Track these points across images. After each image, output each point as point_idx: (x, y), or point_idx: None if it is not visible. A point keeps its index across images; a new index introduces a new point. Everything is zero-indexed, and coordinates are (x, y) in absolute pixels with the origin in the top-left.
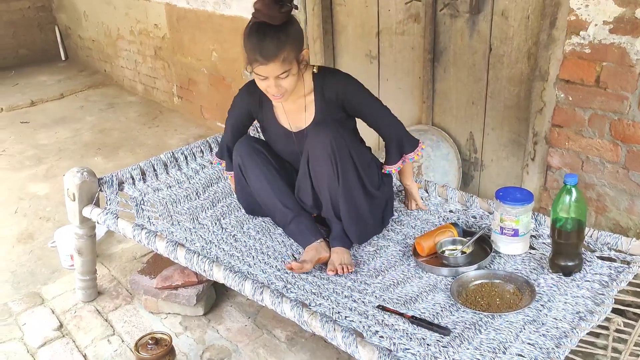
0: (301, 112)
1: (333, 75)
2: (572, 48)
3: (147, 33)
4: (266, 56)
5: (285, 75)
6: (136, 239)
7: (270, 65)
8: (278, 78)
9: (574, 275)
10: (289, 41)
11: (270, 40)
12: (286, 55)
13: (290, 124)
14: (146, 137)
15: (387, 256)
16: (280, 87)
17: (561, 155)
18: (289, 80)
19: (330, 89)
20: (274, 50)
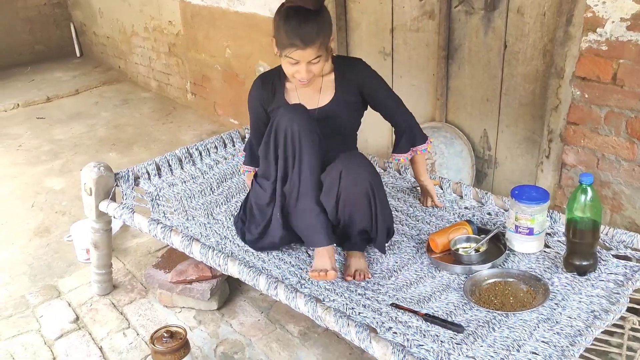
0: (316, 92)
1: (354, 60)
2: (589, 45)
3: (161, 30)
4: (306, 41)
5: (317, 60)
6: (152, 233)
7: (308, 50)
8: (310, 63)
9: (589, 275)
10: (326, 27)
11: (312, 25)
12: (322, 41)
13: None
14: (160, 133)
15: (400, 253)
16: (310, 72)
17: (576, 153)
18: (319, 65)
19: (352, 71)
20: (314, 35)
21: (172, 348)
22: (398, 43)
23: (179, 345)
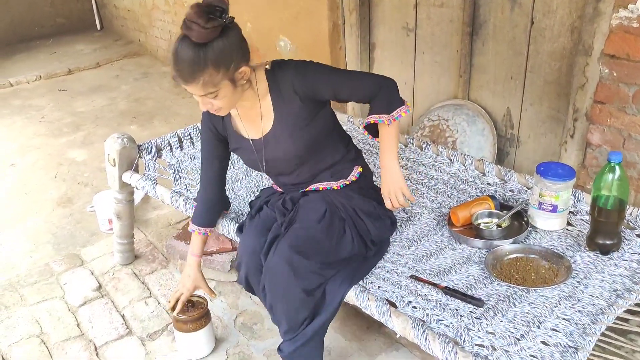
0: (257, 119)
1: (283, 66)
2: (619, 22)
3: (182, 3)
4: (182, 78)
5: (212, 95)
6: (174, 205)
7: (191, 87)
8: (205, 98)
9: (612, 254)
10: (212, 64)
11: (186, 64)
12: (207, 79)
13: (248, 133)
14: (180, 107)
15: (420, 224)
16: (212, 104)
17: (602, 132)
18: (220, 99)
19: (284, 81)
20: (188, 73)
21: (193, 317)
22: (421, 18)
23: (200, 315)
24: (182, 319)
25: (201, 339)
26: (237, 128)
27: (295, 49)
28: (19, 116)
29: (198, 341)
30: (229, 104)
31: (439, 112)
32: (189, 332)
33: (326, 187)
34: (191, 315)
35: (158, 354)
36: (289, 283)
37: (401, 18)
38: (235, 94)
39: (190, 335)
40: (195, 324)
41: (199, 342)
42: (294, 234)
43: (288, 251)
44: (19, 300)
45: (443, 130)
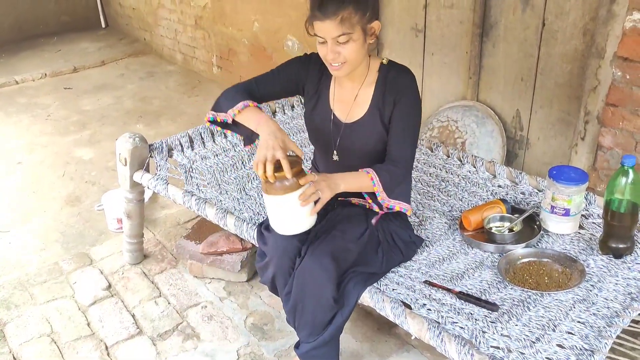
0: (349, 103)
1: (401, 71)
2: (633, 25)
3: (187, 2)
4: (324, 11)
5: (344, 39)
6: (186, 205)
7: (328, 23)
8: (336, 42)
9: (625, 258)
10: (353, 3)
11: None
12: (347, 16)
13: (335, 109)
14: (186, 106)
15: (432, 229)
16: (338, 54)
17: (614, 135)
18: (349, 47)
19: (393, 84)
20: (332, 6)
21: (297, 171)
22: (431, 19)
23: (301, 169)
24: (285, 180)
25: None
26: (329, 98)
27: (303, 48)
28: (25, 114)
29: (297, 209)
30: (354, 59)
31: (448, 113)
32: (294, 191)
33: (372, 206)
34: (294, 171)
35: (169, 354)
36: (323, 288)
37: (410, 19)
38: (362, 50)
39: (287, 200)
40: (299, 181)
41: (298, 211)
42: (333, 242)
43: (326, 257)
44: (29, 299)
45: (452, 131)
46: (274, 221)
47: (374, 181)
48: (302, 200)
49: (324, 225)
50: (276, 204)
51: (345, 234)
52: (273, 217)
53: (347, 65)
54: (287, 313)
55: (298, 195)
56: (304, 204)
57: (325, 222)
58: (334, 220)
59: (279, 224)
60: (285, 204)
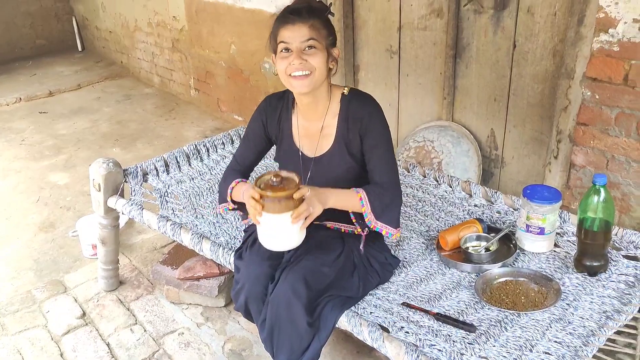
0: (316, 136)
1: (362, 98)
2: (601, 46)
3: (164, 25)
4: (297, 13)
5: (312, 47)
6: (161, 230)
7: (298, 26)
8: (303, 51)
9: (600, 275)
10: (322, 19)
11: (308, 6)
12: (317, 25)
13: (302, 146)
14: (163, 129)
15: (409, 249)
16: (305, 62)
17: (586, 154)
18: (316, 58)
19: (356, 112)
20: (306, 13)
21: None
22: (405, 41)
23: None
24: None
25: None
26: (293, 136)
27: None
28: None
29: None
30: (319, 71)
31: (424, 134)
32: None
33: (347, 231)
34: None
35: None
36: (296, 314)
37: (385, 41)
38: (325, 68)
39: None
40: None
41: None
42: (307, 267)
43: (298, 283)
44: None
45: (428, 151)
46: (265, 239)
47: (363, 201)
48: (294, 218)
49: (297, 250)
50: (271, 221)
51: (320, 258)
52: (266, 234)
53: (312, 77)
54: (263, 341)
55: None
56: (296, 221)
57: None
58: (308, 244)
59: (271, 241)
60: (280, 222)
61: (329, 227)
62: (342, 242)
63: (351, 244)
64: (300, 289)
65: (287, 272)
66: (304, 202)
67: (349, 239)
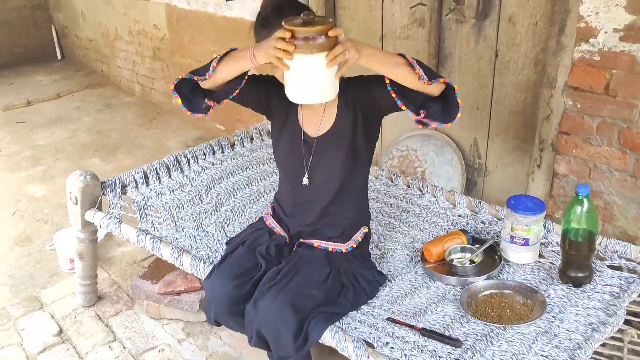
0: (318, 117)
1: (356, 77)
2: (582, 55)
3: (145, 33)
4: (270, 22)
5: None
6: (140, 244)
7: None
8: None
9: (584, 286)
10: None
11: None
12: None
13: (303, 124)
14: (144, 139)
15: (394, 262)
16: None
17: (568, 163)
18: None
19: (351, 87)
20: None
21: (321, 27)
22: (388, 50)
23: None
24: (313, 30)
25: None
26: (297, 116)
27: None
28: None
29: (325, 72)
30: None
31: (407, 143)
32: (325, 50)
33: (335, 249)
34: (313, 27)
35: None
36: (282, 337)
37: None
38: None
39: (315, 60)
40: (329, 33)
41: (326, 75)
42: (295, 290)
43: (286, 307)
44: None
45: (412, 160)
46: (295, 88)
47: (413, 63)
48: (330, 60)
49: (283, 269)
50: (304, 64)
51: (308, 279)
52: (296, 82)
53: None
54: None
55: (326, 54)
56: (331, 65)
57: (285, 265)
58: (295, 263)
59: (301, 91)
60: (315, 64)
61: (316, 246)
62: (329, 262)
63: (338, 264)
64: (287, 314)
65: (275, 293)
66: (339, 44)
67: (336, 258)
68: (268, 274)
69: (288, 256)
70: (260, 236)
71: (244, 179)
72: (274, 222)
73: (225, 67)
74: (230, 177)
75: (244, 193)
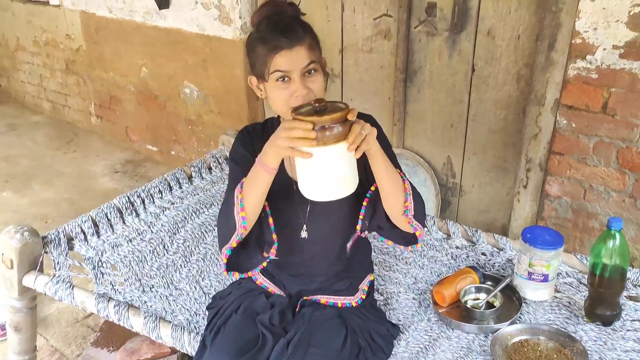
0: None
1: (364, 116)
2: (577, 73)
3: (56, 44)
4: (291, 36)
5: (313, 68)
6: (102, 313)
7: (297, 50)
8: (304, 76)
9: (614, 325)
10: (311, 33)
11: (295, 21)
12: (312, 42)
13: (293, 173)
14: (63, 165)
15: (401, 308)
16: (308, 89)
17: (561, 184)
18: (317, 80)
19: None
20: (300, 30)
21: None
22: (348, 64)
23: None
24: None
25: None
26: (284, 165)
27: (203, 96)
28: None
29: (347, 161)
30: (321, 91)
31: None
32: (335, 144)
33: (345, 304)
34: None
35: None
36: None
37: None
38: (324, 91)
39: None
40: (342, 130)
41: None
42: None
43: None
44: None
45: None
46: (315, 185)
47: (404, 176)
48: (351, 143)
49: (293, 338)
50: (325, 156)
51: (324, 349)
52: (317, 179)
53: None
54: None
55: (337, 149)
56: (353, 148)
57: (294, 333)
58: (305, 329)
59: (324, 187)
60: (337, 154)
61: (323, 302)
62: (343, 322)
63: (353, 322)
64: None
65: None
66: (355, 123)
67: (348, 315)
68: (277, 348)
69: (294, 320)
70: (256, 300)
71: (210, 219)
72: (266, 280)
73: (251, 196)
74: (194, 218)
75: (214, 236)
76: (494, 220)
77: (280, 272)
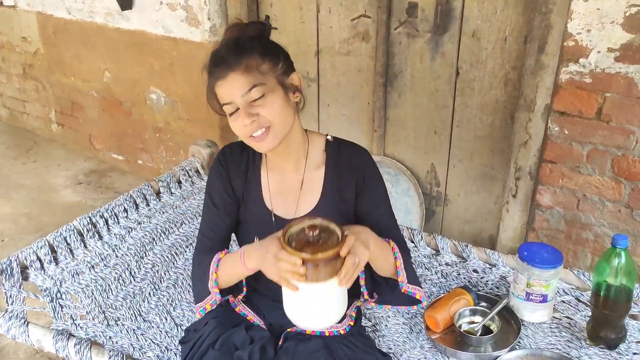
0: (294, 193)
1: (353, 146)
2: (570, 77)
3: (11, 47)
4: (223, 62)
5: (258, 92)
6: (61, 353)
7: (231, 77)
8: (250, 103)
9: (619, 348)
10: (257, 51)
11: (230, 44)
12: (253, 63)
13: (274, 207)
14: (22, 177)
15: (391, 335)
16: (256, 116)
17: (553, 194)
18: (268, 104)
19: (351, 161)
20: (235, 53)
21: (329, 254)
22: (324, 67)
23: (338, 250)
24: (325, 256)
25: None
26: (263, 195)
27: (171, 102)
28: None
29: (337, 296)
30: (279, 121)
31: None
32: (325, 281)
33: (332, 332)
34: (329, 244)
35: None
36: None
37: (300, 67)
38: (287, 109)
39: (328, 287)
40: (341, 251)
41: (337, 298)
42: None
43: None
44: None
45: None
46: (302, 315)
47: (396, 253)
48: (343, 280)
49: None
50: (313, 292)
51: None
52: (305, 310)
53: (273, 130)
54: None
55: (328, 286)
56: (344, 284)
57: None
58: None
59: (309, 318)
60: (326, 291)
61: (309, 332)
62: (331, 354)
63: (340, 354)
64: None
65: None
66: (348, 256)
67: (336, 346)
68: None
69: (276, 358)
70: (234, 333)
71: (181, 239)
72: (245, 307)
73: (226, 279)
74: (163, 239)
75: (186, 259)
76: (481, 231)
77: (259, 298)
